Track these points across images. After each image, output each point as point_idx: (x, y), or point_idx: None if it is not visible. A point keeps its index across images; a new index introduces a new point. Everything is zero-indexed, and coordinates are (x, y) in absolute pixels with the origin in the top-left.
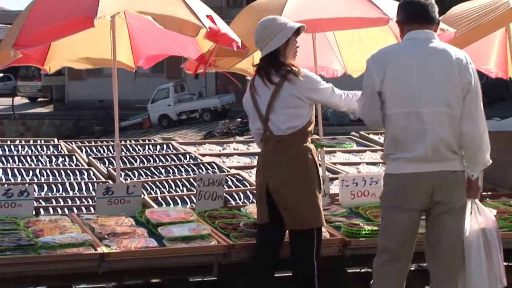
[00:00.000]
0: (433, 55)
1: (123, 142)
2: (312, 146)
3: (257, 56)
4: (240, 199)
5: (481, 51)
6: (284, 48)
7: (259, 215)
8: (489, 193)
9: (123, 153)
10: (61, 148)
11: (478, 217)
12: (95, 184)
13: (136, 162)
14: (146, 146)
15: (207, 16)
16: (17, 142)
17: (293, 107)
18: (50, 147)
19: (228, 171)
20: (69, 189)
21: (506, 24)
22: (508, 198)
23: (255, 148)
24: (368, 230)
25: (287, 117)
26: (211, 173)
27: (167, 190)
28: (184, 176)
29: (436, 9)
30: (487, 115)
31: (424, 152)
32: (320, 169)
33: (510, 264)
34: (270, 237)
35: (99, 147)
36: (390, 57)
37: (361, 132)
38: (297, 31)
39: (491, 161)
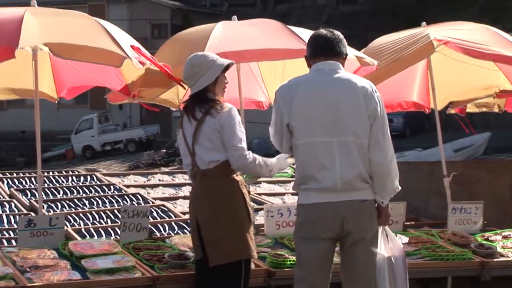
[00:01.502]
0: (339, 85)
1: (45, 174)
2: (239, 178)
3: (181, 88)
4: (165, 230)
5: (404, 83)
6: (213, 85)
7: (194, 252)
8: (412, 222)
9: (45, 185)
10: None
11: (387, 245)
12: (17, 216)
13: (59, 193)
14: (70, 178)
15: (132, 46)
16: None
17: (214, 141)
18: None
19: (153, 202)
20: None
21: (427, 57)
22: (430, 227)
23: (180, 179)
24: (293, 261)
25: (209, 151)
26: (136, 204)
27: (91, 221)
28: (108, 207)
29: (344, 43)
30: (409, 146)
31: (333, 182)
32: (248, 201)
33: None
34: (207, 272)
35: (21, 179)
36: (296, 88)
37: None
38: (226, 67)
39: (400, 188)
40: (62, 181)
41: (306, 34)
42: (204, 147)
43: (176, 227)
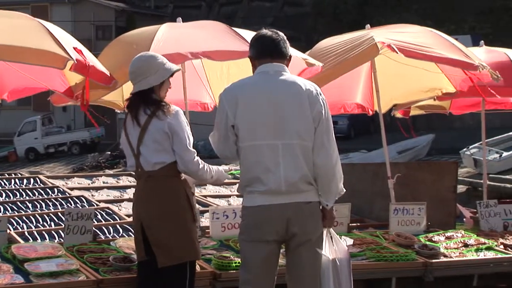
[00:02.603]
0: (284, 88)
1: None
2: (184, 178)
3: (126, 89)
4: (109, 233)
5: (348, 86)
6: (158, 87)
7: (137, 253)
8: (357, 224)
9: None
10: None
11: (331, 247)
12: None
13: (1, 196)
14: (12, 180)
15: (74, 48)
16: None
17: (161, 142)
18: None
19: (97, 205)
20: None
21: (371, 59)
22: (375, 229)
23: (124, 181)
24: (239, 263)
25: (155, 152)
26: (80, 207)
27: (34, 225)
28: (52, 210)
29: (288, 44)
30: (354, 148)
31: (278, 184)
32: (194, 202)
33: None
34: (150, 274)
35: None
36: (241, 90)
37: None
38: (173, 73)
39: (344, 190)
40: (5, 184)
41: (250, 35)
42: (150, 149)
43: (120, 230)
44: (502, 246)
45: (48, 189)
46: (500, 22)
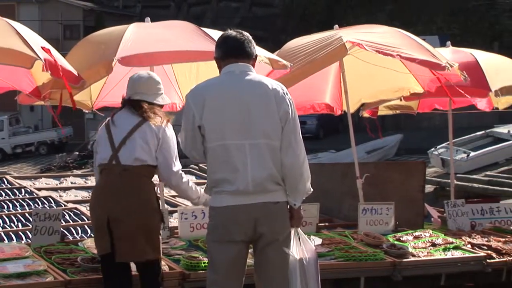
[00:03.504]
0: (250, 87)
1: None
2: (155, 182)
3: (94, 89)
4: (77, 234)
5: (317, 86)
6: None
7: (100, 246)
8: (325, 224)
9: None
10: None
11: (299, 247)
12: None
13: None
14: None
15: (42, 48)
16: None
17: (148, 143)
18: None
19: (65, 205)
20: None
21: (340, 59)
22: (343, 228)
23: (92, 181)
24: (207, 263)
25: (140, 149)
26: (48, 208)
27: (1, 225)
28: (19, 211)
29: (253, 44)
30: (323, 148)
31: (245, 184)
32: (160, 203)
33: None
34: (114, 267)
35: None
36: (208, 91)
37: (200, 165)
38: None
39: (312, 190)
40: None
41: (217, 35)
42: (137, 144)
43: (89, 230)
44: (469, 246)
45: (15, 190)
46: (467, 23)
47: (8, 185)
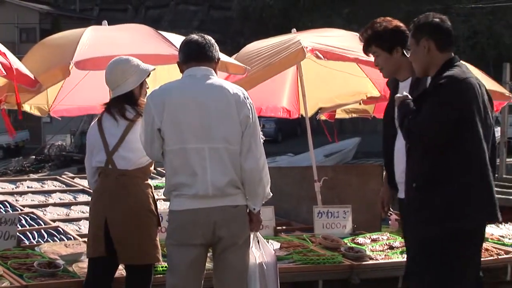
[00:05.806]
0: (211, 91)
1: None
2: (151, 183)
3: (51, 93)
4: (34, 238)
5: (274, 89)
6: (138, 88)
7: (94, 248)
8: (284, 227)
9: None
10: None
11: (258, 251)
12: None
13: None
14: None
15: None
16: None
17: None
18: None
19: (21, 210)
20: None
21: (297, 63)
22: (301, 232)
23: (49, 186)
24: (165, 267)
25: (137, 153)
26: (3, 212)
27: None
28: None
29: (215, 48)
30: (281, 151)
31: (205, 188)
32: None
33: None
34: (103, 271)
35: None
36: (168, 94)
37: (158, 169)
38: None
39: (271, 194)
40: None
41: (177, 39)
42: (132, 148)
43: (45, 235)
44: None
45: None
46: None
47: None
